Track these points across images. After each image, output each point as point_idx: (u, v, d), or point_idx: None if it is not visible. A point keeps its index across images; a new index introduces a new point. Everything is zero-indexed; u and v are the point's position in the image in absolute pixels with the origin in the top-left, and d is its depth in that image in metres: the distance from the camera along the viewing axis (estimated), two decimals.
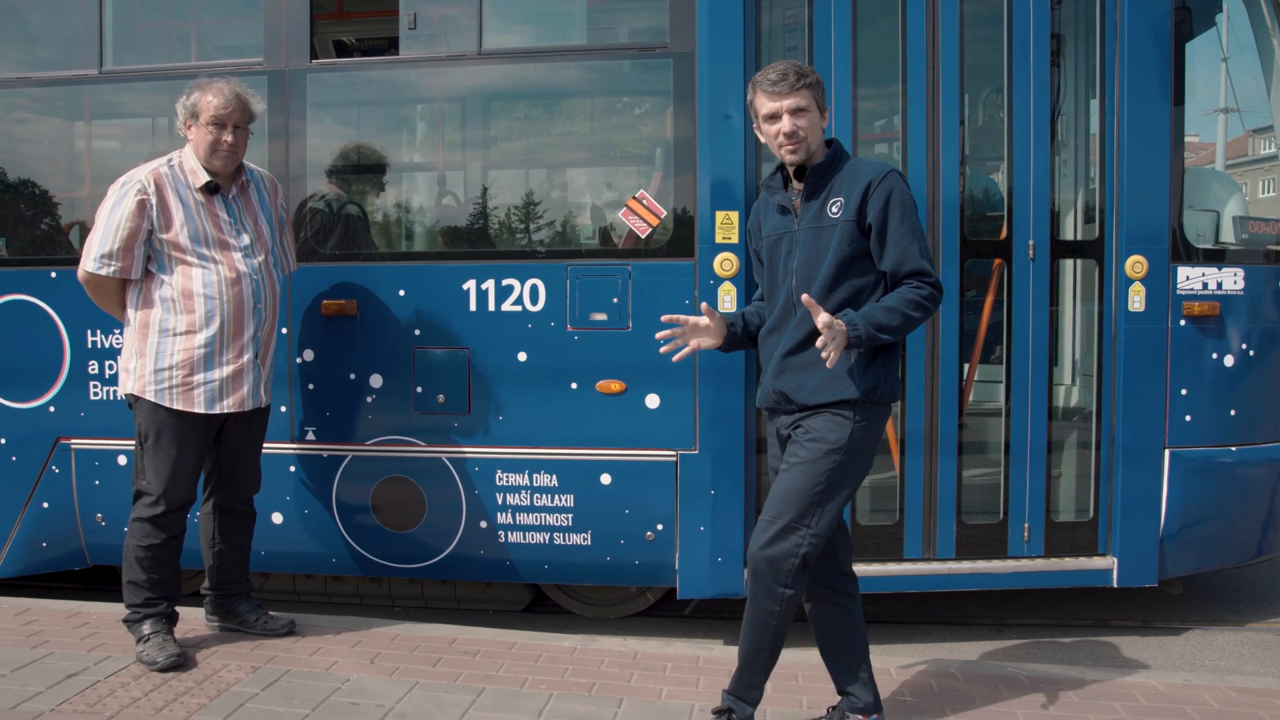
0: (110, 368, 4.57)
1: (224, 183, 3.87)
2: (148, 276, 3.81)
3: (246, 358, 3.86)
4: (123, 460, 4.59)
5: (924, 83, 4.29)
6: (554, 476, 4.34)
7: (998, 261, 4.41)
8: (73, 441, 4.63)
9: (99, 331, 4.57)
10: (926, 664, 3.96)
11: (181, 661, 3.78)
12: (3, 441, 4.68)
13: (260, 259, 3.91)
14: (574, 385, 4.29)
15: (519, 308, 4.30)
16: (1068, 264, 4.46)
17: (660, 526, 4.30)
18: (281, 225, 4.11)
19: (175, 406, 3.78)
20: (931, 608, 4.93)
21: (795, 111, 3.01)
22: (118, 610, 4.36)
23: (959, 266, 4.32)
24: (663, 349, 3.25)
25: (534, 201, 4.54)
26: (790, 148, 3.04)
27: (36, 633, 4.15)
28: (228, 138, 3.79)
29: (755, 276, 3.40)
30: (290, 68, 4.37)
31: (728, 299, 4.20)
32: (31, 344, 4.62)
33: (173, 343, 3.77)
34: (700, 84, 4.17)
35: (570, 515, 4.35)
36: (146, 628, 3.85)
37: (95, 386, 4.60)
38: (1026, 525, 4.40)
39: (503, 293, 4.30)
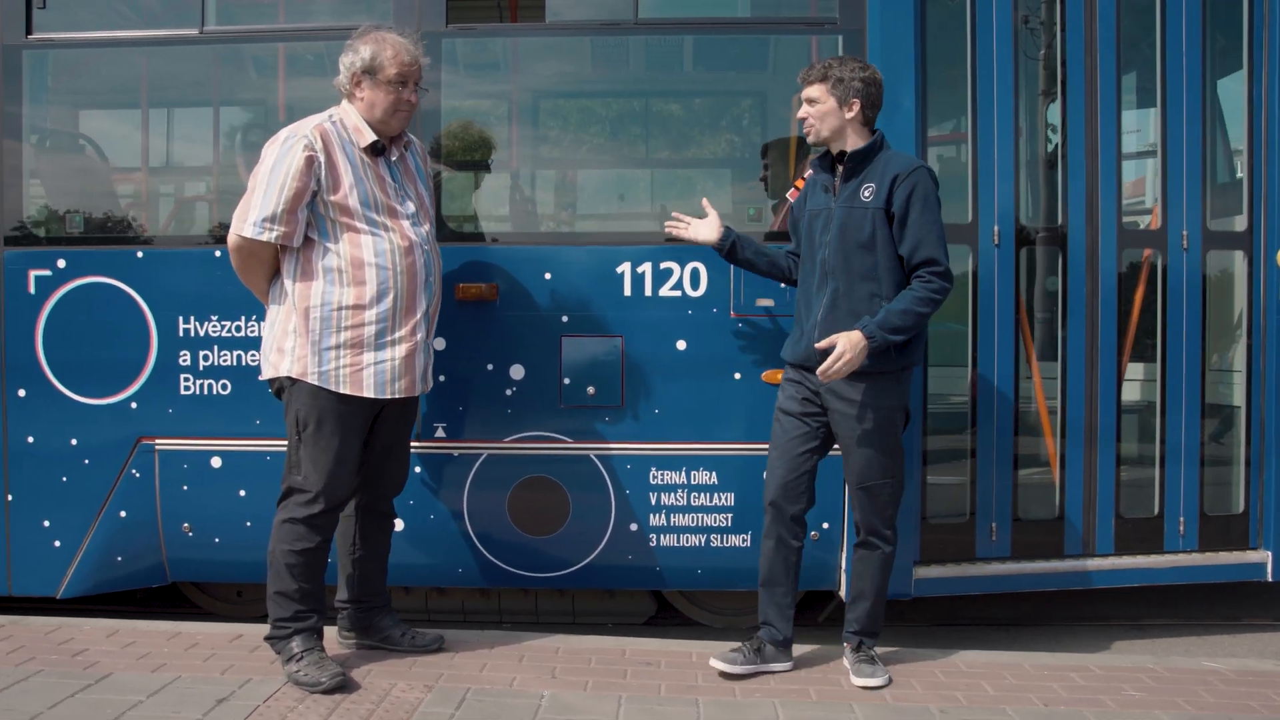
0: (205, 358, 4.08)
1: (387, 144, 3.50)
2: (307, 245, 3.39)
3: (419, 336, 3.47)
4: (217, 463, 4.09)
5: (1082, 72, 4.22)
6: (714, 474, 4.05)
7: (1147, 252, 4.37)
8: (157, 442, 4.10)
9: (192, 318, 4.08)
10: (1121, 662, 3.82)
11: (345, 682, 3.33)
12: (74, 442, 4.11)
13: (426, 228, 3.54)
14: (737, 375, 4.02)
15: (678, 293, 4.02)
16: (1215, 255, 4.43)
17: (825, 525, 4.06)
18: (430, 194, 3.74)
19: (342, 390, 3.36)
20: (1057, 607, 4.83)
21: (809, 100, 3.46)
22: (227, 629, 3.97)
23: (1116, 257, 4.26)
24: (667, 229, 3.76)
25: (693, 179, 4.27)
26: (806, 131, 3.52)
27: (145, 655, 3.63)
28: (410, 96, 3.42)
29: (794, 238, 3.73)
30: (424, 30, 4.01)
31: None
32: (111, 332, 4.09)
33: (339, 318, 3.35)
34: (871, 63, 3.98)
35: (730, 515, 4.07)
36: (297, 645, 3.39)
37: (186, 380, 4.09)
38: (1181, 519, 4.33)
39: (660, 276, 4.01)
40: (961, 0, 4.17)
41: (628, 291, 4.02)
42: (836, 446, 3.60)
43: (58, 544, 4.13)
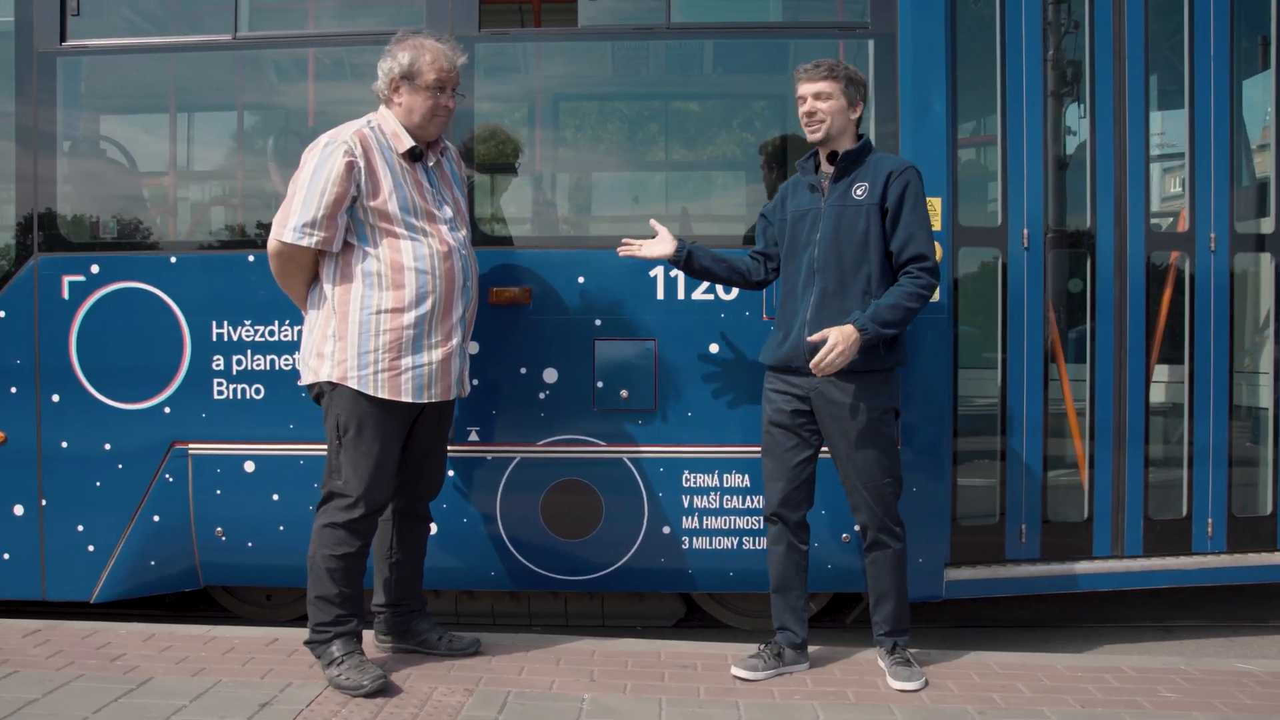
0: (239, 363, 4.09)
1: (424, 150, 3.51)
2: (346, 249, 3.40)
3: (455, 340, 3.49)
4: (250, 467, 4.10)
5: (1110, 77, 4.24)
6: (746, 476, 4.07)
7: (1175, 254, 4.38)
8: (191, 446, 4.12)
9: (225, 323, 4.09)
10: (1153, 663, 3.83)
11: (386, 685, 3.35)
12: (108, 447, 4.13)
13: (463, 233, 3.56)
14: None
15: (711, 296, 4.03)
16: (1243, 257, 4.44)
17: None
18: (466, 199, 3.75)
19: (381, 395, 3.37)
20: (1082, 609, 4.84)
21: (818, 95, 3.46)
22: (262, 633, 4.00)
23: (1144, 259, 4.27)
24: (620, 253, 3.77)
25: (724, 183, 4.28)
26: (810, 127, 3.50)
27: (183, 659, 3.64)
28: (448, 102, 3.45)
29: (758, 235, 3.81)
30: (455, 35, 4.01)
31: None
32: (145, 337, 4.10)
33: (378, 321, 3.36)
34: (902, 67, 4.01)
35: (762, 518, 4.07)
36: (336, 649, 3.41)
37: (220, 385, 4.10)
38: (1210, 521, 4.35)
39: (694, 280, 4.01)
40: (990, 3, 4.18)
41: (661, 295, 4.03)
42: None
43: (91, 549, 4.15)
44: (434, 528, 4.04)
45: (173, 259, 4.12)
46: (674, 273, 4.02)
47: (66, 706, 3.17)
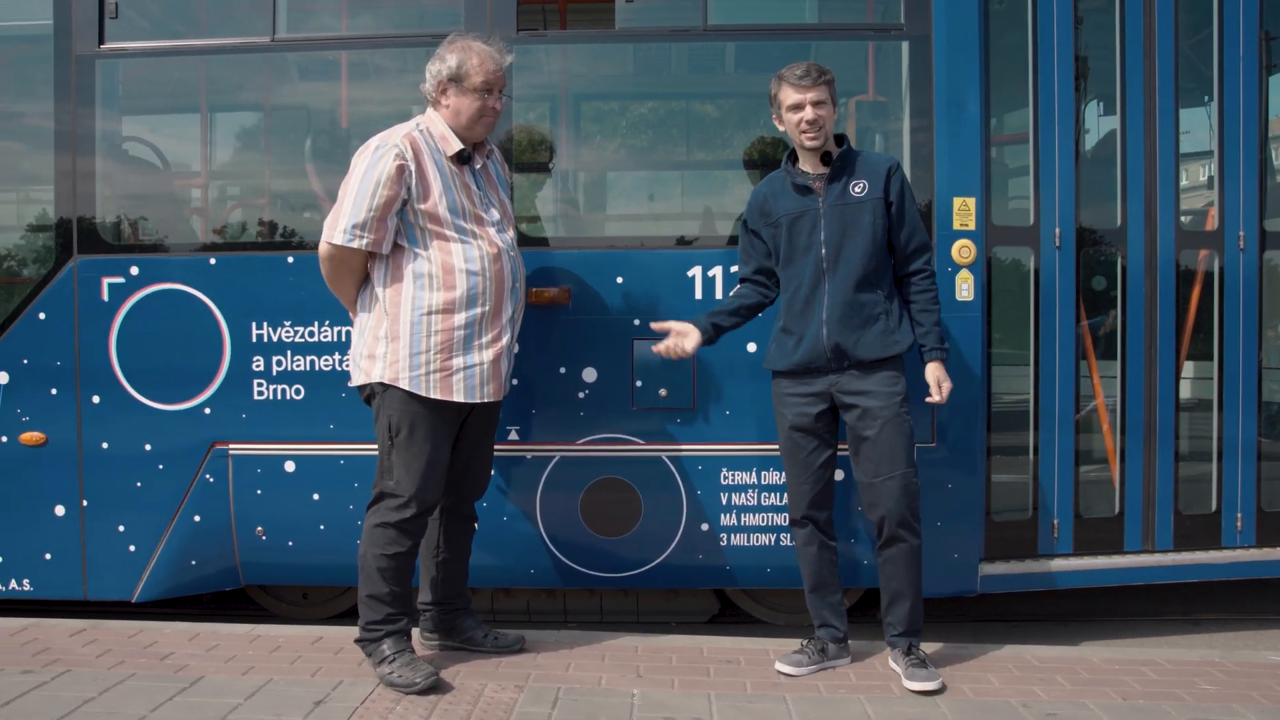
0: (279, 364, 4.11)
1: (471, 152, 3.54)
2: (396, 251, 3.43)
3: (505, 340, 3.52)
4: (290, 467, 4.13)
5: (1140, 76, 4.28)
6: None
7: (1204, 252, 4.43)
8: (231, 446, 4.14)
9: (265, 324, 4.11)
10: (1188, 656, 3.88)
11: (438, 682, 3.38)
12: (148, 448, 4.15)
13: (510, 234, 3.59)
14: None
15: None
16: (1272, 254, 4.49)
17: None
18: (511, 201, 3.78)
19: (433, 395, 3.40)
20: (1110, 603, 4.89)
21: (817, 103, 3.48)
22: (306, 632, 4.03)
23: (1174, 257, 4.32)
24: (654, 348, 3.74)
25: (753, 182, 4.30)
26: (811, 134, 3.51)
27: (231, 658, 3.67)
28: (495, 104, 3.47)
29: (744, 253, 3.76)
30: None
31: (965, 287, 4.07)
32: (185, 339, 4.12)
33: (429, 322, 3.39)
34: (937, 67, 4.05)
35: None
36: (388, 647, 3.44)
37: (260, 385, 4.12)
38: (1239, 515, 4.40)
39: (731, 280, 4.04)
40: (1022, 3, 4.22)
41: (699, 294, 4.06)
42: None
43: (132, 549, 4.18)
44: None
45: (212, 260, 4.14)
46: (711, 272, 4.06)
47: (124, 705, 3.19)
